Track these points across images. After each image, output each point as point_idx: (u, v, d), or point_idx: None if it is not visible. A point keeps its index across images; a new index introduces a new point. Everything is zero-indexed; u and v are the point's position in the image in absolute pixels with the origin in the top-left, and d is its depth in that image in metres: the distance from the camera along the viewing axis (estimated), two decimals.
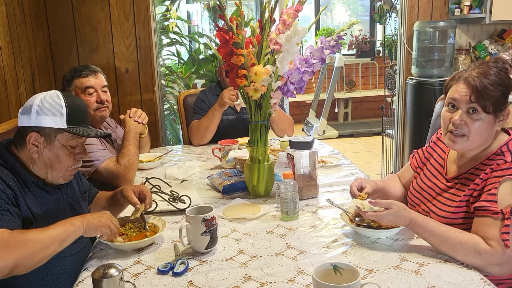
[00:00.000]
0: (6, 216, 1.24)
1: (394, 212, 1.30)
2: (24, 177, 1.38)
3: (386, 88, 4.19)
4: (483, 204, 1.27)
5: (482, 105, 1.35)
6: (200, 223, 1.31)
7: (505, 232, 1.20)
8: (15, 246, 1.16)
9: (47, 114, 1.38)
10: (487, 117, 1.35)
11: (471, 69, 1.41)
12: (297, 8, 1.59)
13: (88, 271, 1.28)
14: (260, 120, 1.72)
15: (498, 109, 1.35)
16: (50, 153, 1.40)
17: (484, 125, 1.36)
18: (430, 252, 1.28)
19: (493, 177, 1.30)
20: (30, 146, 1.38)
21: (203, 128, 2.57)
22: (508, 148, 1.35)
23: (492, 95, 1.33)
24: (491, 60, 1.42)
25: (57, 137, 1.40)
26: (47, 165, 1.41)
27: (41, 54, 2.88)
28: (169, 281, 1.21)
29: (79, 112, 1.45)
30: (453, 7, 3.49)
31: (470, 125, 1.37)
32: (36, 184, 1.40)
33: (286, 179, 1.55)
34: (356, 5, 7.73)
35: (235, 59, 1.57)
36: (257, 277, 1.21)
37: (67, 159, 1.42)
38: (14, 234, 1.19)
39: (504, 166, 1.30)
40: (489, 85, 1.34)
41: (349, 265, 1.04)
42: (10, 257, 1.14)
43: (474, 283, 1.13)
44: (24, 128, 1.40)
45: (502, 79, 1.36)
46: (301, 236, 1.44)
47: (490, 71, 1.36)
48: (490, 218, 1.24)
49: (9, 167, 1.36)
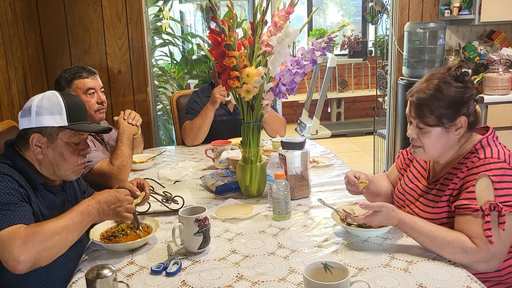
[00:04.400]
0: (21, 212, 1.25)
1: (384, 214, 1.32)
2: (33, 179, 1.39)
3: (378, 88, 4.23)
4: (462, 202, 1.30)
5: (422, 121, 1.39)
6: (193, 223, 1.32)
7: (487, 228, 1.23)
8: (34, 240, 1.18)
9: (47, 114, 1.39)
10: (435, 130, 1.38)
11: (418, 84, 1.43)
12: (288, 11, 1.61)
13: (82, 272, 1.29)
14: (252, 121, 1.73)
15: (445, 122, 1.37)
16: (54, 152, 1.41)
17: (434, 137, 1.39)
18: (419, 251, 1.31)
19: (470, 174, 1.33)
20: (34, 148, 1.39)
21: (196, 128, 2.58)
22: (482, 145, 1.37)
23: (431, 110, 1.36)
24: (444, 69, 1.41)
25: (59, 135, 1.41)
26: (53, 165, 1.42)
27: (33, 55, 2.87)
28: (162, 281, 1.22)
29: (78, 109, 1.46)
30: (443, 9, 3.53)
31: (421, 138, 1.42)
32: (45, 186, 1.42)
33: (278, 179, 1.57)
34: (349, 5, 7.77)
35: (227, 60, 1.59)
36: (249, 276, 1.22)
37: (71, 156, 1.44)
38: (31, 228, 1.21)
39: (479, 163, 1.32)
40: (427, 101, 1.37)
41: (339, 264, 1.06)
42: (31, 251, 1.17)
43: (461, 280, 1.15)
44: (25, 130, 1.41)
45: (442, 93, 1.35)
46: (293, 235, 1.46)
47: (430, 86, 1.38)
48: (470, 216, 1.27)
49: (18, 169, 1.37)
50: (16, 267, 1.16)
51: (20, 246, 1.16)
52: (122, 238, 1.43)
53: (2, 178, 1.29)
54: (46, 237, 1.20)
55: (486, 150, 1.35)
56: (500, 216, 1.23)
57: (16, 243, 1.16)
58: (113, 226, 1.50)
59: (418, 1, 3.53)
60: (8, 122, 2.05)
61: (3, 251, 1.17)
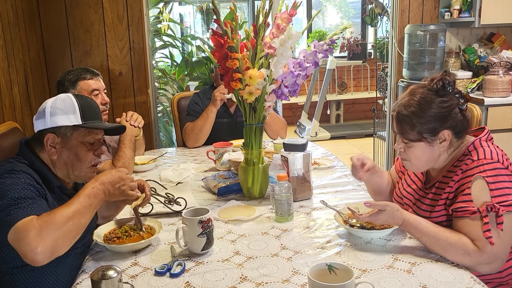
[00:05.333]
0: (36, 206, 1.25)
1: (388, 213, 1.32)
2: (50, 180, 1.40)
3: (378, 90, 4.23)
4: (460, 205, 1.30)
5: (404, 136, 1.40)
6: (196, 224, 1.33)
7: (487, 229, 1.23)
8: (48, 228, 1.18)
9: (61, 114, 1.41)
10: (418, 144, 1.39)
11: (401, 98, 1.44)
12: (291, 13, 1.62)
13: (86, 273, 1.29)
14: (254, 122, 1.74)
15: (427, 136, 1.37)
16: (69, 152, 1.42)
17: (419, 151, 1.40)
18: (422, 252, 1.31)
19: (465, 177, 1.33)
20: (48, 148, 1.41)
21: (198, 129, 2.58)
22: (475, 146, 1.38)
23: (411, 126, 1.37)
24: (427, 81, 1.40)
25: (74, 135, 1.42)
26: (67, 165, 1.43)
27: (34, 57, 2.87)
28: (166, 282, 1.22)
29: (91, 109, 1.48)
30: (443, 11, 3.54)
31: (407, 152, 1.43)
32: (61, 189, 1.44)
33: (280, 181, 1.57)
34: (348, 7, 7.79)
35: (230, 62, 1.60)
36: (253, 277, 1.23)
37: (86, 156, 1.44)
38: (43, 217, 1.20)
39: (472, 165, 1.33)
40: (407, 118, 1.38)
41: (343, 265, 1.06)
42: (47, 240, 1.16)
43: (465, 281, 1.16)
44: (40, 132, 1.42)
45: (422, 110, 1.35)
46: (296, 237, 1.46)
47: (411, 102, 1.38)
48: (468, 219, 1.27)
49: (36, 169, 1.38)
50: (35, 258, 1.15)
51: (36, 237, 1.16)
52: (125, 239, 1.43)
53: (21, 175, 1.30)
54: (59, 224, 1.20)
55: (479, 151, 1.35)
56: (498, 216, 1.23)
57: (32, 234, 1.16)
58: (116, 227, 1.50)
59: (419, 3, 3.54)
60: (9, 124, 2.05)
61: (20, 244, 1.16)
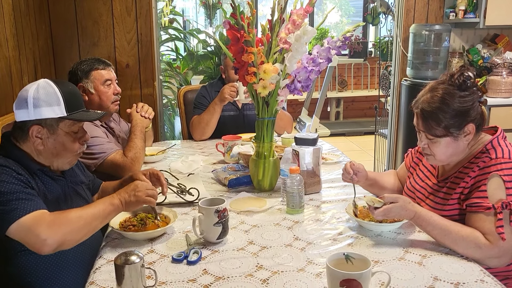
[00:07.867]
0: (36, 201, 1.28)
1: (400, 206, 1.35)
2: (29, 166, 1.39)
3: (381, 88, 4.27)
4: (474, 201, 1.34)
5: (430, 132, 1.43)
6: (213, 214, 1.36)
7: (500, 225, 1.27)
8: (61, 223, 1.24)
9: (45, 106, 1.38)
10: (444, 140, 1.42)
11: (422, 95, 1.46)
12: (307, 9, 1.64)
13: (104, 259, 1.32)
14: (267, 116, 1.77)
15: (453, 131, 1.40)
16: (55, 142, 1.42)
17: (444, 146, 1.43)
18: (432, 246, 1.35)
19: (481, 174, 1.37)
20: (34, 139, 1.39)
21: (204, 123, 2.61)
22: (493, 145, 1.42)
23: (437, 122, 1.40)
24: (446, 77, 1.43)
25: (60, 125, 1.42)
26: (53, 154, 1.43)
27: (43, 47, 2.89)
28: (184, 269, 1.25)
29: (75, 97, 1.47)
30: (448, 11, 3.57)
31: (431, 148, 1.46)
32: (43, 171, 1.43)
33: (292, 174, 1.60)
34: (348, 6, 7.80)
35: (246, 56, 1.62)
36: (268, 266, 1.26)
37: (72, 145, 1.46)
38: (56, 213, 1.25)
39: (490, 163, 1.36)
40: (432, 114, 1.40)
41: (360, 255, 1.10)
42: (58, 233, 1.22)
43: (475, 274, 1.20)
44: (23, 122, 1.39)
45: (447, 105, 1.39)
46: (307, 228, 1.49)
47: (435, 98, 1.41)
48: (483, 214, 1.31)
49: (14, 158, 1.37)
50: (42, 248, 1.21)
51: (46, 229, 1.21)
52: (141, 227, 1.46)
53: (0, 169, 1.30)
54: (71, 221, 1.25)
55: (497, 150, 1.39)
56: None
57: (43, 227, 1.21)
58: (131, 216, 1.53)
59: (424, 3, 3.58)
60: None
61: (29, 235, 1.21)
